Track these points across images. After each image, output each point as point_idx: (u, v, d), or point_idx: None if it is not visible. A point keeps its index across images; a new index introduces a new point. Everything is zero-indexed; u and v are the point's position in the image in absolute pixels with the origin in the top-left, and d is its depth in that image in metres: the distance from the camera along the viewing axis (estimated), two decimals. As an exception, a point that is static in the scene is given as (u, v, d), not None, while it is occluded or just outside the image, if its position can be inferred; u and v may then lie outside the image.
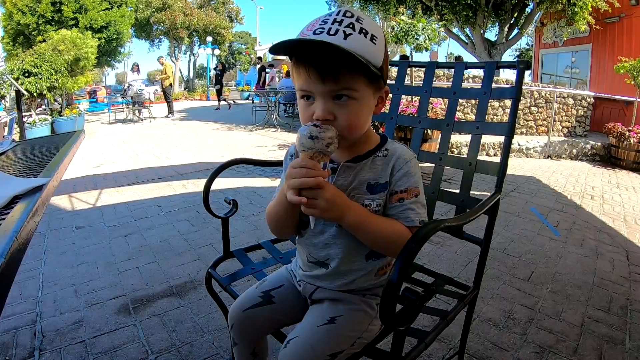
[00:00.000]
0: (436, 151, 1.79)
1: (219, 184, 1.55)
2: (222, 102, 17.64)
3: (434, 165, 1.79)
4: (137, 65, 15.52)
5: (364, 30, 0.96)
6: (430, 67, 1.91)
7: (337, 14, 0.98)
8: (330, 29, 0.95)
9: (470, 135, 1.71)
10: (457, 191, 1.70)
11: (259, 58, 18.80)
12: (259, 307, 1.29)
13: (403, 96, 2.08)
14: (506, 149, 1.56)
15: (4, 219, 0.88)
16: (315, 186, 0.95)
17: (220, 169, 1.61)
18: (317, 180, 0.94)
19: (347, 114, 1.01)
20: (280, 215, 1.14)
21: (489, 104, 1.88)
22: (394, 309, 0.82)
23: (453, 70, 1.87)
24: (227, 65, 17.11)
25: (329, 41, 0.91)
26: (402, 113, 1.99)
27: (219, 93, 17.45)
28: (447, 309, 1.42)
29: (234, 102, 18.36)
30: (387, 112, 1.95)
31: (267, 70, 15.89)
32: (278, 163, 1.90)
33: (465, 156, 1.71)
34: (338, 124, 1.00)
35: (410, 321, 0.88)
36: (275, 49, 0.97)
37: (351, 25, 0.96)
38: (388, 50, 1.06)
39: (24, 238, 0.78)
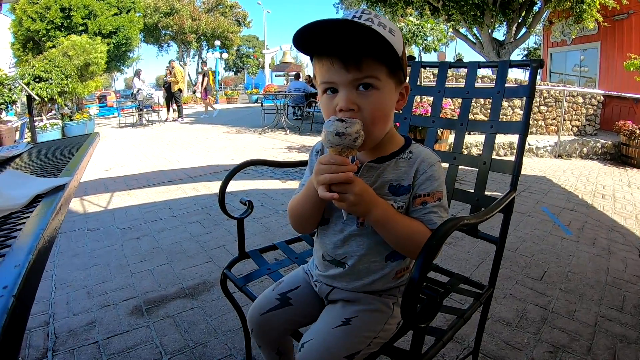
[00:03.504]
0: (446, 151, 1.78)
1: (230, 186, 1.56)
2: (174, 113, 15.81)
3: (448, 164, 1.79)
4: (140, 71, 15.60)
5: (382, 24, 0.98)
6: (443, 67, 1.92)
7: (356, 12, 1.00)
8: None
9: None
10: (472, 190, 1.70)
11: (204, 62, 18.67)
12: (277, 310, 1.29)
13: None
14: (521, 147, 1.56)
15: (27, 217, 0.89)
16: (345, 181, 0.96)
17: (236, 170, 1.61)
18: (347, 175, 0.95)
19: (371, 104, 1.01)
20: (305, 210, 1.15)
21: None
22: (415, 307, 0.82)
23: (461, 70, 1.88)
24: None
25: (353, 21, 0.93)
26: (412, 114, 1.99)
27: (169, 102, 15.56)
28: (460, 308, 1.42)
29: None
30: (401, 112, 1.96)
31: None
32: (293, 164, 1.91)
33: (479, 154, 1.71)
34: (362, 115, 1.00)
35: (430, 318, 0.88)
36: (299, 38, 0.97)
37: (370, 20, 0.97)
38: None
39: (50, 236, 0.79)
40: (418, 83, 2.00)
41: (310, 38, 0.99)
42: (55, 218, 0.86)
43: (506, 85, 1.69)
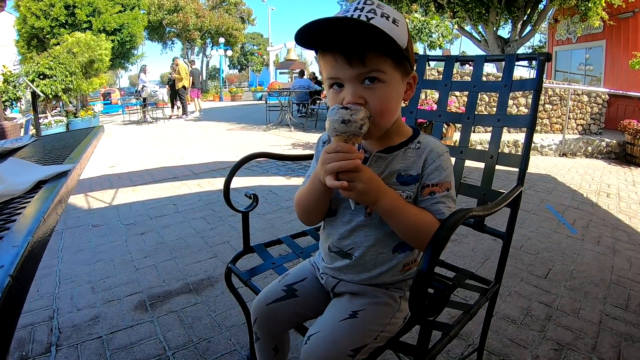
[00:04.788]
0: (453, 145, 1.78)
1: (234, 182, 1.54)
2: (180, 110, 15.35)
3: (454, 159, 1.77)
4: (145, 66, 15.59)
5: (385, 14, 0.97)
6: (450, 61, 1.90)
7: (359, 3, 0.98)
8: (352, 15, 0.95)
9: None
10: (479, 184, 1.69)
11: (192, 61, 18.61)
12: (283, 301, 1.28)
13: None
14: (528, 141, 1.55)
15: (29, 201, 0.88)
16: (353, 169, 0.95)
17: (242, 163, 1.60)
18: (354, 162, 0.94)
19: (377, 97, 1.00)
20: (311, 201, 1.14)
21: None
22: (424, 299, 0.81)
23: (466, 68, 1.86)
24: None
25: (353, 19, 0.93)
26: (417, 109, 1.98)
27: (174, 99, 15.41)
28: (467, 303, 1.41)
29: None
30: (407, 105, 1.95)
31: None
32: (298, 157, 1.90)
33: (486, 149, 1.70)
34: (369, 108, 0.99)
35: (438, 311, 0.87)
36: (299, 37, 0.97)
37: (373, 11, 0.96)
38: None
39: (51, 220, 0.78)
40: (424, 77, 1.98)
41: (313, 35, 0.99)
42: (57, 203, 0.85)
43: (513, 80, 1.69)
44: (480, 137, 7.46)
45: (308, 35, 0.98)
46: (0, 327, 0.47)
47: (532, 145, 8.00)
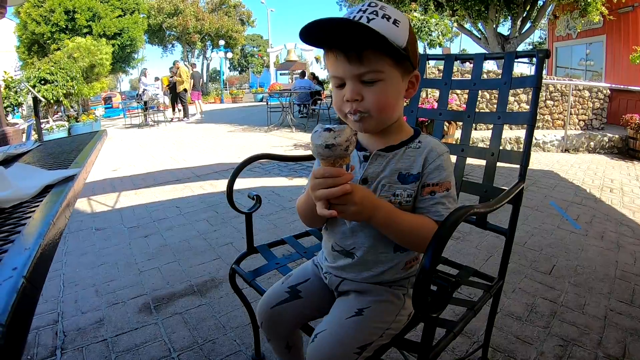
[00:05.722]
0: (454, 143, 1.78)
1: (237, 183, 1.55)
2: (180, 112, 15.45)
3: (456, 157, 1.78)
4: (146, 70, 15.61)
5: (386, 16, 0.99)
6: (449, 59, 1.91)
7: (363, 5, 1.02)
8: (355, 17, 0.99)
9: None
10: (480, 182, 1.69)
11: (193, 64, 18.73)
12: (287, 303, 1.29)
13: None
14: (529, 137, 1.55)
15: (37, 206, 0.89)
16: (343, 194, 0.94)
17: (244, 164, 1.60)
18: (343, 188, 0.93)
19: (375, 94, 1.02)
20: (310, 209, 1.13)
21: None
22: (427, 296, 0.81)
23: (467, 66, 1.87)
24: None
25: (349, 19, 0.96)
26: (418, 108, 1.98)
27: (175, 102, 15.50)
28: (471, 300, 1.41)
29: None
30: (408, 103, 1.95)
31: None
32: (301, 158, 1.91)
33: (487, 146, 1.70)
34: (366, 103, 1.02)
35: (442, 308, 0.87)
36: (304, 36, 0.99)
37: (375, 12, 0.99)
38: None
39: (61, 224, 0.79)
40: (424, 76, 1.99)
41: (315, 34, 1.01)
42: (65, 207, 0.86)
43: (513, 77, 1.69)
44: (482, 135, 7.44)
45: (311, 34, 0.99)
46: (16, 326, 0.48)
47: (534, 141, 8.00)
